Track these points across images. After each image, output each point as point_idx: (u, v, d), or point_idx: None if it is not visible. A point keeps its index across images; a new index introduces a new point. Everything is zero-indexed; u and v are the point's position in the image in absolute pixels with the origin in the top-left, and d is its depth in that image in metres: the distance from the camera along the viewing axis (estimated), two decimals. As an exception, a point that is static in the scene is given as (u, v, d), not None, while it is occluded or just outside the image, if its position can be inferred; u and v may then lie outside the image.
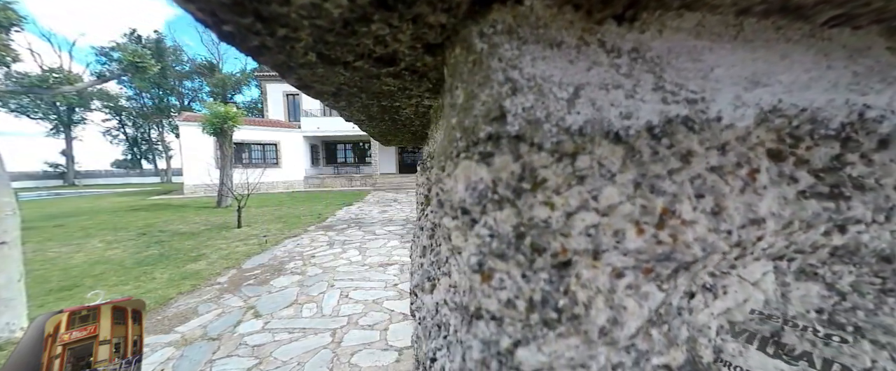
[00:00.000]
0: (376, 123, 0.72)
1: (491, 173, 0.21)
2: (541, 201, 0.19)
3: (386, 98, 0.48)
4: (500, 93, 0.20)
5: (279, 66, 0.33)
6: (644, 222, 0.20)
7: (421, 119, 0.70)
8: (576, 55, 0.20)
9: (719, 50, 0.22)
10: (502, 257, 0.21)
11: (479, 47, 0.21)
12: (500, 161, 0.21)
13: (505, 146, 0.21)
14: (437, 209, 0.30)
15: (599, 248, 0.20)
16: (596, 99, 0.20)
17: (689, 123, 0.20)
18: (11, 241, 3.35)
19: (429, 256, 0.43)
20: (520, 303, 0.20)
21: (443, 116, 0.38)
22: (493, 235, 0.21)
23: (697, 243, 0.20)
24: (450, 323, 0.33)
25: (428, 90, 0.44)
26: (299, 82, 0.38)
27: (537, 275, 0.19)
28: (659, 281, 0.21)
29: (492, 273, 0.21)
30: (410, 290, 0.70)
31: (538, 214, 0.20)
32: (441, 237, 0.35)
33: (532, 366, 0.20)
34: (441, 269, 0.37)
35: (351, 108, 0.53)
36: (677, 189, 0.20)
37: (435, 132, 0.52)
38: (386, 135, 1.05)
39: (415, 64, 0.33)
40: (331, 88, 0.41)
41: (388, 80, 0.38)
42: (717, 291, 0.24)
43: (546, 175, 0.19)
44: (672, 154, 0.20)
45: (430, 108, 0.55)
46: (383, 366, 2.93)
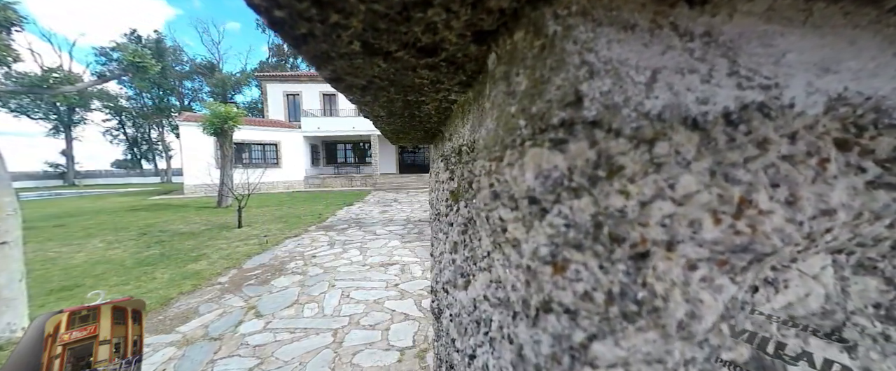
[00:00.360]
0: (395, 120, 0.71)
1: (566, 160, 0.20)
2: (617, 190, 0.19)
3: (414, 92, 0.47)
4: (576, 76, 0.20)
5: (318, 56, 0.32)
6: (722, 212, 0.20)
7: (439, 115, 0.69)
8: (649, 38, 0.20)
9: (790, 35, 0.21)
10: (579, 248, 0.20)
11: (551, 30, 0.21)
12: (576, 148, 0.20)
13: (580, 132, 0.20)
14: (488, 201, 0.29)
15: (675, 238, 0.19)
16: (673, 83, 0.19)
17: (765, 110, 0.20)
18: (13, 240, 3.33)
19: (461, 252, 0.42)
20: (598, 295, 0.19)
21: (483, 108, 0.37)
22: (568, 225, 0.20)
23: (776, 234, 0.20)
24: (492, 319, 0.32)
25: (459, 84, 0.43)
26: (332, 74, 0.37)
27: (615, 266, 0.19)
28: (733, 273, 0.20)
29: (566, 264, 0.21)
30: (432, 288, 0.69)
31: (613, 203, 0.19)
32: (483, 231, 0.34)
33: (608, 361, 0.19)
34: (478, 265, 0.37)
35: (375, 103, 0.53)
36: (753, 178, 0.20)
37: (461, 127, 0.51)
38: (398, 132, 1.04)
39: (456, 54, 0.32)
40: (362, 81, 0.40)
41: (423, 72, 0.37)
42: (778, 285, 0.23)
43: (623, 162, 0.18)
44: (749, 141, 0.20)
45: (455, 103, 0.54)
46: (385, 366, 2.91)
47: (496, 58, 0.29)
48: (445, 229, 0.53)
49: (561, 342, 0.21)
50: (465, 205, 0.41)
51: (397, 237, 7.67)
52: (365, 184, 23.56)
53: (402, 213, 11.24)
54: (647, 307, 0.19)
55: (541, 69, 0.22)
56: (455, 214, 0.47)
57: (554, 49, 0.20)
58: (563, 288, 0.21)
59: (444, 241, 0.55)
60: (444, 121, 0.74)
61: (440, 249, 0.59)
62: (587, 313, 0.20)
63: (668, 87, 0.19)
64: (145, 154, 53.90)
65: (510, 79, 0.26)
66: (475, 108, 0.43)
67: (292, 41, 0.29)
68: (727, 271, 0.20)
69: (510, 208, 0.25)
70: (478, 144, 0.35)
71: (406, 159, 28.85)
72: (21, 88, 25.39)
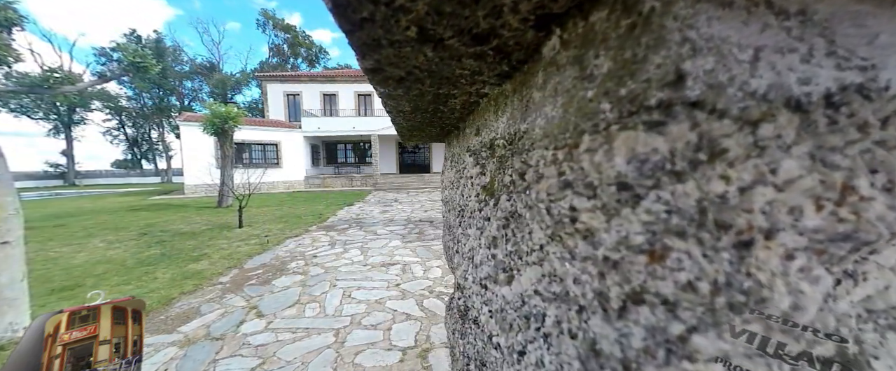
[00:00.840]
0: (417, 115, 0.70)
1: (667, 143, 0.19)
2: (718, 174, 0.18)
3: (448, 85, 0.46)
4: (679, 54, 0.19)
5: (367, 43, 0.31)
6: (824, 199, 0.19)
7: (463, 110, 0.68)
8: (747, 16, 0.19)
9: (881, 16, 0.20)
10: (682, 235, 0.19)
11: (647, 7, 0.20)
12: (678, 129, 0.19)
13: (681, 113, 0.19)
14: (553, 191, 0.28)
15: (775, 226, 0.18)
16: (775, 63, 0.19)
17: (864, 92, 0.19)
18: (15, 240, 3.31)
19: (502, 247, 0.41)
20: (702, 285, 0.18)
21: (528, 99, 0.36)
22: (670, 211, 0.19)
23: (881, 222, 0.19)
24: (546, 314, 0.31)
25: (498, 75, 0.42)
26: (375, 64, 0.36)
27: (719, 254, 0.18)
28: (830, 264, 0.19)
29: (666, 253, 0.20)
30: (458, 285, 0.68)
31: (714, 189, 0.18)
32: (534, 224, 0.33)
33: (709, 354, 0.18)
34: (524, 260, 0.36)
35: (405, 97, 0.52)
36: (851, 163, 0.19)
37: (493, 121, 0.50)
38: (414, 130, 1.03)
39: (507, 43, 0.31)
40: (401, 72, 0.39)
41: (467, 63, 0.37)
42: (857, 278, 0.22)
43: (727, 145, 0.17)
44: (850, 124, 0.19)
45: (486, 97, 0.53)
46: (387, 366, 2.90)
47: (559, 43, 0.28)
48: (479, 225, 0.52)
49: (655, 335, 0.20)
50: (508, 198, 0.40)
51: (398, 237, 7.65)
52: (365, 184, 23.55)
53: (403, 213, 11.23)
54: (754, 298, 0.18)
55: (632, 49, 0.21)
56: (492, 209, 0.46)
57: (650, 26, 0.19)
58: (662, 278, 0.20)
59: (476, 236, 0.54)
60: (466, 116, 0.73)
61: (469, 245, 0.58)
62: (689, 304, 0.19)
63: (770, 66, 0.18)
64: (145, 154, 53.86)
65: (585, 62, 0.25)
66: (515, 99, 0.42)
67: (348, 25, 0.28)
68: (825, 261, 0.19)
69: (587, 197, 0.24)
70: (530, 135, 0.34)
71: (406, 159, 28.86)
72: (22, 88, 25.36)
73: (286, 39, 50.42)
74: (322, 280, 4.94)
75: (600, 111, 0.23)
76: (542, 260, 0.31)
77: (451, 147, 1.16)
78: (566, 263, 0.28)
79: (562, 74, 0.28)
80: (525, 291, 0.35)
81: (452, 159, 1.14)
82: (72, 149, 40.67)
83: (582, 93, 0.25)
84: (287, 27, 49.99)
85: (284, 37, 50.35)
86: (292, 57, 50.78)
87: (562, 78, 0.28)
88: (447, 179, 1.26)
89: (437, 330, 3.46)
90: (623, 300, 0.22)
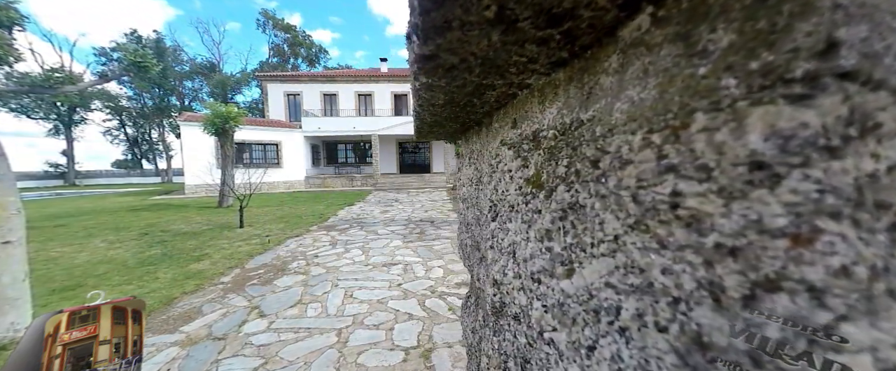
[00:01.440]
0: (448, 109, 0.68)
1: (819, 117, 0.18)
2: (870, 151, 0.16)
3: (495, 74, 0.44)
4: (832, 21, 0.17)
5: (437, 26, 0.29)
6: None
7: (494, 104, 0.67)
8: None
9: None
10: (836, 217, 0.17)
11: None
12: (829, 103, 0.17)
13: (831, 85, 0.17)
14: (649, 177, 0.26)
15: (925, 206, 0.17)
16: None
17: None
18: (16, 240, 3.29)
19: (560, 239, 0.40)
20: (859, 270, 0.17)
21: (593, 85, 0.34)
22: (823, 191, 0.18)
23: None
24: (621, 307, 0.30)
25: (552, 63, 0.40)
26: (433, 50, 0.35)
27: (876, 237, 0.16)
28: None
29: (815, 236, 0.18)
30: (495, 280, 0.66)
31: (865, 166, 0.17)
32: (607, 214, 0.32)
33: (860, 344, 0.17)
34: (589, 252, 0.34)
35: (444, 89, 0.50)
36: None
37: (537, 113, 0.49)
38: (435, 125, 1.01)
39: (580, 25, 0.29)
40: (456, 60, 0.38)
41: (529, 48, 0.35)
42: None
43: (882, 119, 0.16)
44: None
45: (528, 87, 0.52)
46: (390, 365, 2.88)
47: (650, 22, 0.27)
48: (525, 218, 0.50)
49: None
50: (567, 189, 0.39)
51: (399, 237, 7.63)
52: (366, 184, 23.53)
53: (404, 213, 11.21)
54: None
55: (770, 17, 0.19)
56: (544, 201, 0.44)
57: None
58: (811, 263, 0.18)
59: (521, 231, 0.52)
60: (497, 109, 0.72)
61: (509, 240, 0.56)
62: (841, 291, 0.17)
63: (927, 34, 0.17)
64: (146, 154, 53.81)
65: (693, 38, 0.23)
66: (570, 88, 0.40)
67: (430, 3, 0.26)
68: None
69: (697, 181, 0.23)
70: (603, 122, 0.32)
71: (406, 159, 28.83)
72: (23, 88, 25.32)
73: (286, 39, 50.49)
74: (324, 280, 4.92)
75: (721, 88, 0.21)
76: (616, 251, 0.30)
77: (470, 143, 1.14)
78: (650, 254, 0.26)
79: (655, 54, 0.26)
80: (592, 284, 0.33)
81: (471, 156, 1.12)
82: (72, 149, 40.61)
83: (690, 71, 0.23)
84: (287, 27, 50.07)
85: (284, 37, 50.43)
86: (292, 57, 50.82)
87: (655, 58, 0.26)
88: (464, 177, 1.24)
89: (439, 330, 3.44)
90: (750, 289, 0.20)
